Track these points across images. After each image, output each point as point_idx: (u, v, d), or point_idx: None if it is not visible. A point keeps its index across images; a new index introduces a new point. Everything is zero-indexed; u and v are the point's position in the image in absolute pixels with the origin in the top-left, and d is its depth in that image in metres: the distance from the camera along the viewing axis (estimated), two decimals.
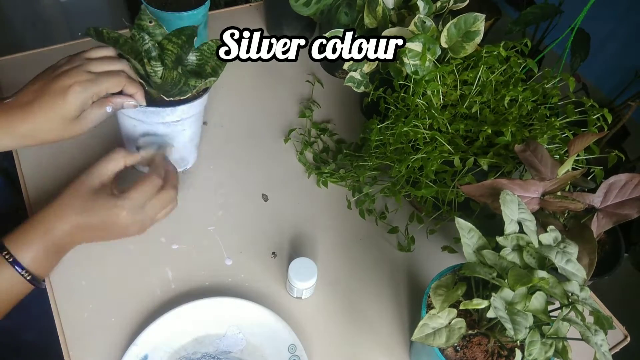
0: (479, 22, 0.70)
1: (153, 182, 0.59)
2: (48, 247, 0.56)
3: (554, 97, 0.70)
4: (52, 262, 0.58)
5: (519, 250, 0.50)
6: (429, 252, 0.77)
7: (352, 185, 0.82)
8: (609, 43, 1.61)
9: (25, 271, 0.54)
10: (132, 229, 0.59)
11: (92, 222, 0.56)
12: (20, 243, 0.55)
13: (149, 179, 0.59)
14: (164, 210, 0.61)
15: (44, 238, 0.55)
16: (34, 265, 0.55)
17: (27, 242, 0.55)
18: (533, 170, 0.58)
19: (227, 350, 0.63)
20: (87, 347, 0.62)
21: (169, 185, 0.61)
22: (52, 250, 0.56)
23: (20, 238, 0.55)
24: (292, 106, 0.95)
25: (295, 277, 0.65)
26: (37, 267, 0.56)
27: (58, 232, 0.56)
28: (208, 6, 0.93)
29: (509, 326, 0.45)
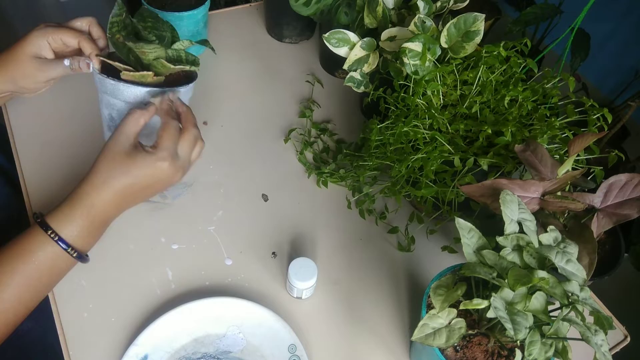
0: (479, 22, 0.70)
1: (173, 126, 0.59)
2: (92, 221, 0.57)
3: (554, 97, 0.70)
4: (96, 236, 0.59)
5: (519, 250, 0.50)
6: (429, 252, 0.77)
7: (352, 185, 0.82)
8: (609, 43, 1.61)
9: (70, 248, 0.55)
10: (176, 177, 0.60)
11: (137, 183, 0.57)
12: (64, 221, 0.55)
13: (166, 125, 0.59)
14: (195, 149, 0.62)
15: (88, 214, 0.56)
16: (79, 241, 0.56)
17: (71, 219, 0.56)
18: (533, 170, 0.58)
19: (227, 350, 0.63)
20: (87, 347, 0.62)
21: (189, 124, 0.61)
22: (97, 223, 0.57)
23: (63, 216, 0.56)
24: (292, 106, 0.95)
25: (295, 277, 0.65)
26: (82, 243, 0.57)
27: (101, 204, 0.56)
28: (208, 6, 0.93)
29: (509, 326, 0.45)
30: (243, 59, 1.02)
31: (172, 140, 0.59)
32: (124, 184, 0.56)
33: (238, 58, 1.02)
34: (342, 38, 0.78)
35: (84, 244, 0.57)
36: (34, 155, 0.79)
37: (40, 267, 0.55)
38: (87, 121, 0.85)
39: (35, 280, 0.55)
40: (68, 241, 0.55)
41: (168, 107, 0.61)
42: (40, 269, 0.55)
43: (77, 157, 0.80)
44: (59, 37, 0.64)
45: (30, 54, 0.64)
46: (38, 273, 0.55)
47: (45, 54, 0.65)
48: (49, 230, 0.55)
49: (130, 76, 0.61)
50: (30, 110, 0.84)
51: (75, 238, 0.56)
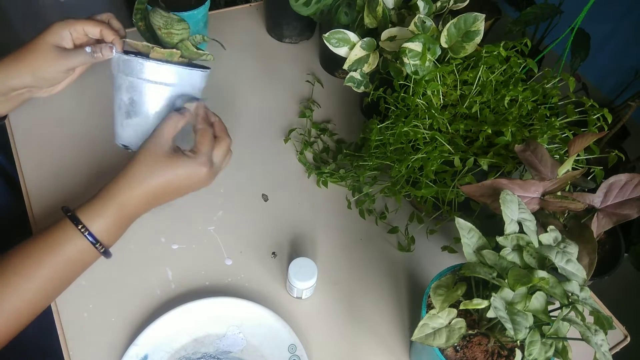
0: (479, 22, 0.70)
1: (209, 133, 0.63)
2: (121, 218, 0.58)
3: (554, 97, 0.70)
4: (121, 232, 0.60)
5: (519, 250, 0.50)
6: (429, 252, 0.77)
7: (352, 185, 0.82)
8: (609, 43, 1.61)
9: (98, 243, 0.57)
10: (209, 182, 0.62)
11: (173, 184, 0.59)
12: (94, 215, 0.56)
13: (205, 132, 0.62)
14: (226, 158, 0.65)
15: (120, 210, 0.57)
16: (105, 236, 0.57)
17: (101, 214, 0.57)
18: (533, 170, 0.58)
19: (227, 350, 0.63)
20: (87, 347, 0.62)
21: (222, 133, 0.65)
22: (125, 220, 0.59)
23: (95, 211, 0.57)
24: (292, 106, 0.95)
25: (295, 277, 0.65)
26: (109, 238, 0.58)
27: (133, 202, 0.58)
28: (208, 6, 0.93)
29: (509, 326, 0.45)
30: (243, 59, 1.02)
31: (210, 147, 0.62)
32: (160, 183, 0.58)
33: (238, 58, 1.02)
34: (342, 38, 0.78)
35: (110, 240, 0.58)
36: (34, 155, 0.79)
37: (67, 260, 0.56)
38: (87, 121, 0.85)
39: (60, 273, 0.56)
40: (96, 236, 0.56)
41: (204, 114, 0.64)
42: (67, 262, 0.56)
43: (77, 157, 0.80)
44: (81, 27, 0.65)
45: (51, 42, 0.64)
46: (64, 266, 0.56)
47: (66, 44, 0.65)
48: (79, 224, 0.56)
49: (160, 53, 0.64)
50: (30, 110, 0.84)
51: (103, 233, 0.57)
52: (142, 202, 0.59)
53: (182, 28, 0.65)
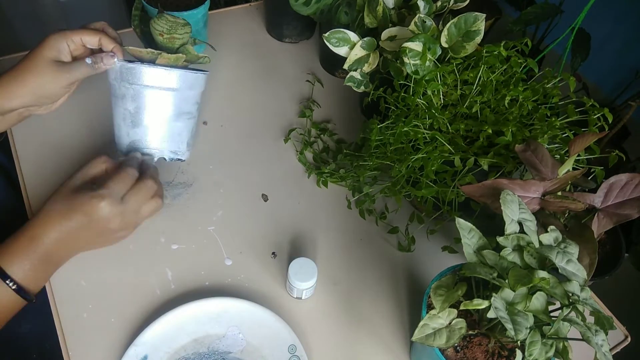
0: (480, 22, 0.70)
1: (127, 171, 0.59)
2: (37, 257, 0.55)
3: (554, 97, 0.70)
4: (42, 275, 0.57)
5: (520, 250, 0.50)
6: (429, 252, 0.76)
7: (352, 185, 0.82)
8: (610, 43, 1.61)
9: (13, 282, 0.54)
10: (115, 223, 0.58)
11: (76, 220, 0.56)
12: (8, 255, 0.54)
13: (122, 169, 0.59)
14: (148, 204, 0.60)
15: (31, 248, 0.55)
16: (23, 278, 0.54)
17: (14, 253, 0.54)
18: (533, 170, 0.58)
19: (227, 350, 0.63)
20: (87, 348, 0.62)
21: (146, 175, 0.61)
22: (42, 260, 0.56)
23: (6, 249, 0.55)
24: (292, 106, 0.95)
25: (295, 277, 0.65)
26: (27, 281, 0.55)
27: (45, 239, 0.55)
28: (208, 6, 0.93)
29: (509, 326, 0.45)
30: (243, 59, 1.02)
31: (118, 183, 0.58)
32: (63, 221, 0.55)
33: (238, 58, 1.02)
34: (342, 38, 0.78)
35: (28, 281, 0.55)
36: (34, 156, 0.79)
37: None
38: (87, 121, 0.85)
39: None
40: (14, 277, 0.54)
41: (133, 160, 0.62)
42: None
43: (76, 157, 0.80)
44: (78, 38, 0.62)
45: (49, 58, 0.61)
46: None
47: (64, 57, 0.63)
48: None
49: (166, 58, 0.64)
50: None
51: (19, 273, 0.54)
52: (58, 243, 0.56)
53: (185, 32, 0.65)
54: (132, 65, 0.63)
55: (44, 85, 0.61)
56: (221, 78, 0.97)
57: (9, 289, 0.54)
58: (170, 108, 0.67)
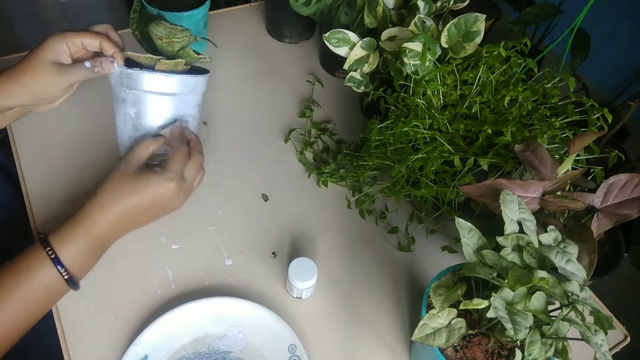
0: (479, 22, 0.70)
1: (182, 150, 0.62)
2: (93, 242, 0.56)
3: (554, 97, 0.70)
4: (93, 260, 0.58)
5: (519, 250, 0.50)
6: (429, 252, 0.77)
7: (352, 185, 0.82)
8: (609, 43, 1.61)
9: (64, 270, 0.54)
10: (180, 200, 0.61)
11: (142, 203, 0.57)
12: (65, 241, 0.55)
13: (177, 149, 0.61)
14: (197, 176, 0.64)
15: (90, 234, 0.56)
16: (75, 264, 0.55)
17: (72, 239, 0.55)
18: (533, 170, 0.58)
19: (227, 350, 0.63)
20: (87, 347, 0.62)
21: (195, 151, 0.64)
22: (98, 245, 0.57)
23: (65, 235, 0.55)
24: (292, 106, 0.95)
25: (295, 277, 0.65)
26: (78, 267, 0.56)
27: (104, 224, 0.56)
28: (208, 6, 0.93)
29: (509, 326, 0.45)
30: (243, 59, 1.03)
31: (180, 163, 0.60)
32: (129, 204, 0.57)
33: (238, 58, 1.02)
34: (342, 38, 0.78)
35: (80, 269, 0.56)
36: (34, 154, 0.79)
37: (37, 287, 0.54)
38: (88, 118, 0.85)
39: (31, 301, 0.54)
40: (66, 265, 0.54)
41: (179, 134, 0.64)
42: (37, 289, 0.54)
43: (77, 156, 0.80)
44: (79, 40, 0.62)
45: (48, 59, 0.60)
46: (34, 293, 0.54)
47: (64, 59, 0.62)
48: (48, 248, 0.54)
49: (165, 64, 0.64)
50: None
51: (74, 262, 0.55)
52: (115, 225, 0.57)
53: (184, 36, 0.64)
54: (131, 71, 0.62)
55: (42, 86, 0.61)
56: (221, 78, 0.97)
57: (61, 277, 0.54)
58: (170, 113, 0.67)
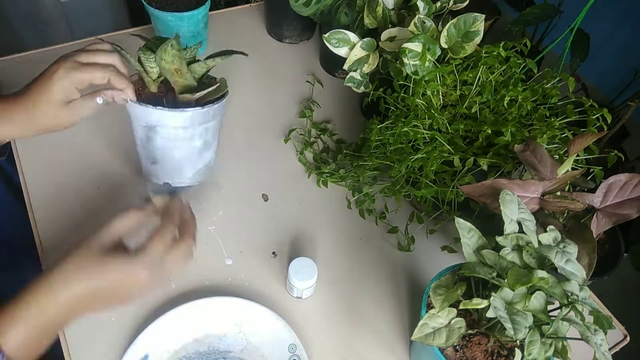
0: (479, 23, 0.70)
1: (169, 232, 0.53)
2: (41, 326, 0.47)
3: (553, 97, 0.71)
4: (40, 345, 0.48)
5: (519, 250, 0.51)
6: (429, 252, 0.77)
7: (352, 185, 0.82)
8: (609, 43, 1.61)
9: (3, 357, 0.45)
10: (152, 286, 0.51)
11: (107, 286, 0.49)
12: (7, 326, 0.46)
13: (165, 230, 0.53)
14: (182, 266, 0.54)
15: (36, 320, 0.47)
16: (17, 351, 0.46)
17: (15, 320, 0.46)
18: (533, 170, 0.58)
19: (228, 349, 0.64)
20: (88, 347, 0.62)
21: (187, 236, 0.55)
22: (46, 329, 0.48)
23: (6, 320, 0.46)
24: (292, 106, 0.95)
25: (295, 277, 0.65)
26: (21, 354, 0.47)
27: (53, 309, 0.47)
28: (208, 6, 0.93)
29: (508, 326, 0.45)
30: (243, 60, 1.03)
31: (160, 247, 0.51)
32: (88, 286, 0.48)
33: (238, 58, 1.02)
34: (342, 38, 0.78)
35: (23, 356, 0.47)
36: (36, 158, 0.79)
37: None
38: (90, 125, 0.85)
39: None
40: (5, 350, 0.45)
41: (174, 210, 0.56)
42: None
43: (79, 161, 0.80)
44: (86, 80, 0.59)
45: (58, 101, 0.58)
46: None
47: (73, 95, 0.59)
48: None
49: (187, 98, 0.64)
50: None
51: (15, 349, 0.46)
52: (64, 309, 0.48)
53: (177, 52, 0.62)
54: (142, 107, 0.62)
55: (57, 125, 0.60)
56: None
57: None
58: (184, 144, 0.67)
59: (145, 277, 0.50)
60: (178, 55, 0.62)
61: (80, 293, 0.48)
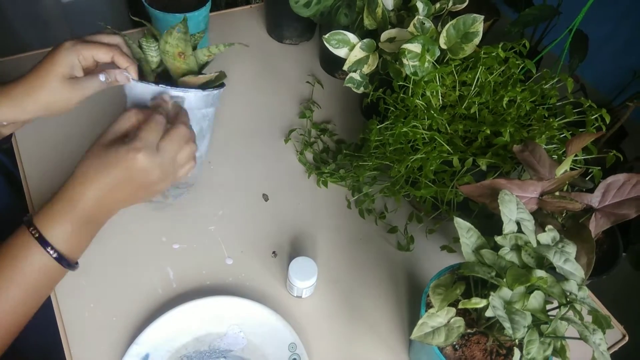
0: (478, 23, 0.71)
1: (156, 119, 0.56)
2: (77, 219, 0.53)
3: (552, 97, 0.71)
4: (84, 237, 0.55)
5: (518, 249, 0.51)
6: (428, 252, 0.77)
7: (352, 185, 0.82)
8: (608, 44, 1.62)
9: (53, 250, 0.52)
10: (154, 175, 0.55)
11: (114, 176, 0.53)
12: (46, 219, 0.52)
13: (150, 118, 0.56)
14: (183, 151, 0.58)
15: (70, 210, 0.52)
16: (63, 242, 0.53)
17: (53, 217, 0.52)
18: (531, 171, 0.58)
19: (228, 349, 0.64)
20: (89, 346, 0.63)
21: (177, 121, 0.58)
22: (84, 222, 0.53)
23: (44, 214, 0.52)
24: (292, 107, 0.95)
25: (296, 276, 0.66)
26: (69, 246, 0.53)
27: (84, 199, 0.53)
28: (209, 7, 0.93)
29: (507, 325, 0.46)
30: (243, 60, 1.03)
31: (150, 132, 0.55)
32: (101, 177, 0.53)
33: (238, 59, 1.03)
34: (342, 39, 0.79)
35: (69, 246, 0.53)
36: (37, 154, 0.79)
37: (29, 271, 0.52)
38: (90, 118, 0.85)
39: (26, 286, 0.52)
40: (51, 242, 0.52)
41: (158, 103, 0.59)
42: (30, 274, 0.52)
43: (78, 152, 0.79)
44: (90, 54, 0.60)
45: (61, 75, 0.58)
46: (27, 278, 0.52)
47: (77, 72, 0.60)
48: (31, 228, 0.52)
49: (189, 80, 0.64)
50: None
51: (61, 239, 0.52)
52: (97, 201, 0.53)
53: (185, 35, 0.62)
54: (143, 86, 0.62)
55: (57, 102, 0.60)
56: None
57: (50, 257, 0.52)
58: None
59: (142, 159, 0.53)
60: (184, 38, 0.62)
61: (99, 187, 0.53)
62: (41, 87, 0.58)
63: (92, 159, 0.54)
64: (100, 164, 0.53)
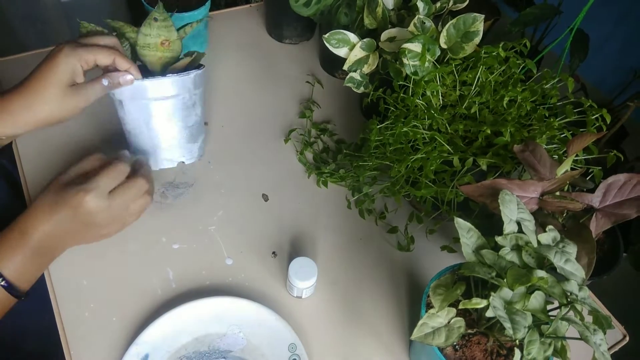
0: (478, 23, 0.70)
1: (117, 166, 0.57)
2: (28, 251, 0.55)
3: (552, 97, 0.71)
4: (34, 269, 0.56)
5: (518, 250, 0.51)
6: (429, 252, 0.77)
7: (352, 185, 0.82)
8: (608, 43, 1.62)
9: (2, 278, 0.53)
10: (101, 218, 0.56)
11: (65, 213, 0.55)
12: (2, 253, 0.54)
13: (112, 164, 0.57)
14: (136, 202, 0.59)
15: (21, 242, 0.54)
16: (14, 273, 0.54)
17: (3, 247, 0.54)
18: (532, 171, 0.58)
19: (228, 349, 0.64)
20: (88, 347, 0.63)
21: (138, 174, 0.60)
22: (33, 254, 0.55)
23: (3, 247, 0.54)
24: (292, 106, 0.95)
25: (296, 277, 0.66)
26: (18, 276, 0.54)
27: (35, 233, 0.55)
28: (209, 7, 0.93)
29: (508, 325, 0.45)
30: (243, 60, 1.03)
31: (106, 178, 0.56)
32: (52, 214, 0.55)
33: (238, 59, 1.03)
34: (342, 39, 0.78)
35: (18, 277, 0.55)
36: (35, 155, 0.79)
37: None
38: (90, 120, 0.85)
39: None
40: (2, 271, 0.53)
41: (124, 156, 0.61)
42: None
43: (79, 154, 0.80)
44: (93, 58, 0.59)
45: (63, 84, 0.57)
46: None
47: (78, 78, 0.59)
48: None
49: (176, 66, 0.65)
50: None
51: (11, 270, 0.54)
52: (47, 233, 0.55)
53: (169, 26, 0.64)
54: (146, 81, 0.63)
55: (63, 111, 0.59)
56: (221, 78, 0.97)
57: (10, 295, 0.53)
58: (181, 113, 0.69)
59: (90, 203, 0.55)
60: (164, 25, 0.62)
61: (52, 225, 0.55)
62: (42, 100, 0.57)
63: (48, 195, 0.56)
64: (53, 201, 0.55)
